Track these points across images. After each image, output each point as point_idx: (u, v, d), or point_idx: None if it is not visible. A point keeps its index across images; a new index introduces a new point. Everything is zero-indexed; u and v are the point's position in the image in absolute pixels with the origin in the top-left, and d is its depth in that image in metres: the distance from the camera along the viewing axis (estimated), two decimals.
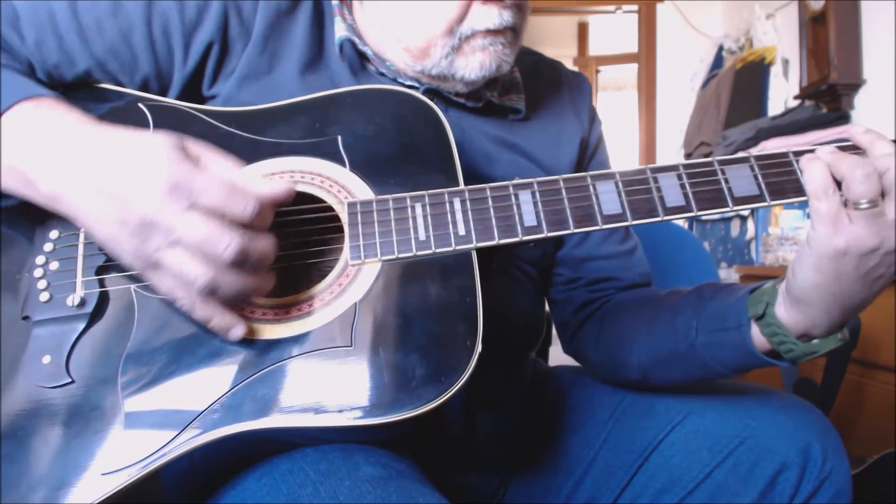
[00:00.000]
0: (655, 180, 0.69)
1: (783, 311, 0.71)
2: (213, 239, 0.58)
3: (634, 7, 4.31)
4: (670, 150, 4.11)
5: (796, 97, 3.03)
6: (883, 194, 0.63)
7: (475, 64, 0.80)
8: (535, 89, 0.96)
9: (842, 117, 2.74)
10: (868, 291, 0.66)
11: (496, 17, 0.77)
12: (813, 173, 0.65)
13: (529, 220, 0.68)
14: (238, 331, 0.64)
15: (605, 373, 0.95)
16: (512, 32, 0.81)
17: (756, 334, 0.74)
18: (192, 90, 0.81)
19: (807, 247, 0.66)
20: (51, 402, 0.64)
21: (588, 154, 1.00)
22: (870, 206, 0.63)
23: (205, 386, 0.63)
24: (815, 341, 0.71)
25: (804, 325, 0.70)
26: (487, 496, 0.94)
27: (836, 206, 0.64)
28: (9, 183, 0.65)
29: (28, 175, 0.63)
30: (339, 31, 0.84)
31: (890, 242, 0.63)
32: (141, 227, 0.59)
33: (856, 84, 2.70)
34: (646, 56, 4.23)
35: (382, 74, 0.86)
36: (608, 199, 0.69)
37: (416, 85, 0.85)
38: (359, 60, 0.85)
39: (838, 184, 0.65)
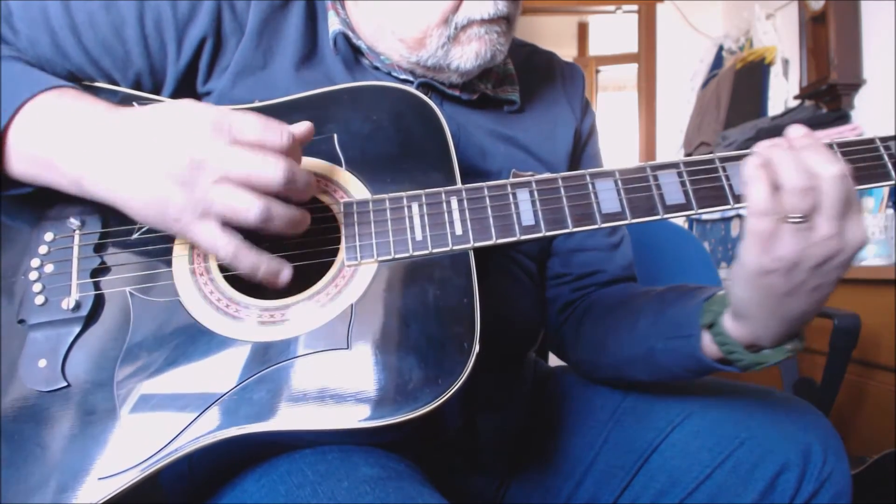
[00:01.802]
0: (655, 178, 0.68)
1: (729, 323, 0.71)
2: (264, 164, 0.60)
3: (634, 7, 4.31)
4: (670, 151, 4.10)
5: (796, 97, 3.03)
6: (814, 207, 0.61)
7: (471, 53, 0.80)
8: (530, 80, 0.96)
9: (842, 117, 2.74)
10: (806, 303, 0.65)
11: (491, 6, 0.78)
12: (755, 192, 0.62)
13: (527, 219, 0.68)
14: (287, 273, 0.65)
15: (582, 370, 0.98)
16: (506, 21, 0.81)
17: (708, 342, 0.74)
18: (186, 86, 0.81)
19: (737, 263, 0.66)
20: (47, 405, 0.63)
21: (580, 145, 1.00)
22: (801, 220, 0.61)
23: (201, 389, 0.63)
24: (765, 351, 0.71)
25: (748, 337, 0.70)
26: (488, 497, 0.93)
27: (773, 227, 0.61)
28: (29, 170, 0.66)
29: (51, 160, 0.64)
30: (333, 24, 0.84)
31: (817, 257, 0.61)
32: (190, 170, 0.60)
33: (856, 84, 2.70)
34: (646, 56, 4.23)
35: (377, 69, 0.86)
36: (607, 197, 0.68)
37: (411, 79, 0.85)
38: (353, 55, 0.85)
39: None
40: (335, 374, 0.63)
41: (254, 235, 0.64)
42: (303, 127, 0.66)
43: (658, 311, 0.82)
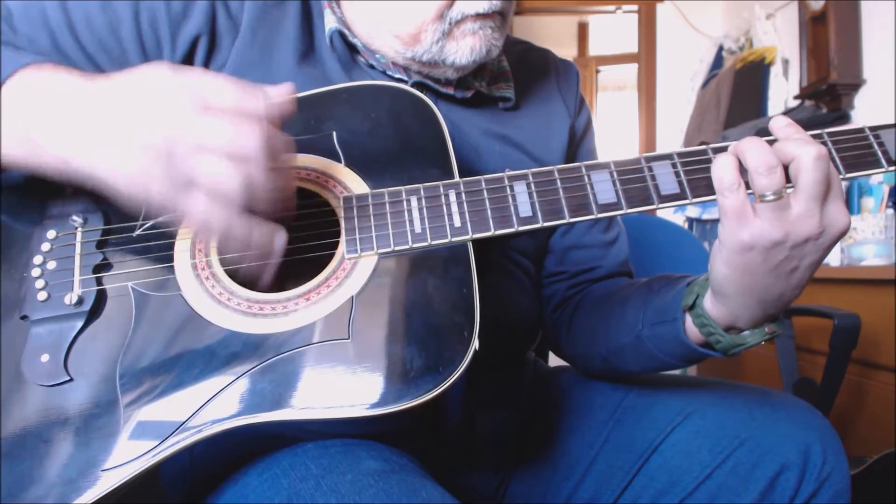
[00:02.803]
0: (650, 168, 0.69)
1: (709, 304, 0.73)
2: (240, 132, 0.57)
3: (634, 7, 4.31)
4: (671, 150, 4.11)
5: (796, 97, 3.03)
6: (788, 187, 0.63)
7: (465, 48, 0.80)
8: (524, 77, 0.97)
9: (842, 117, 2.74)
10: (785, 284, 0.67)
11: (485, 2, 0.78)
12: (719, 168, 0.64)
13: (525, 210, 0.69)
14: (282, 237, 0.62)
15: (577, 364, 0.99)
16: (500, 17, 0.82)
17: (690, 326, 0.76)
18: None
19: (717, 241, 0.67)
20: (50, 400, 0.64)
21: (576, 141, 1.01)
22: (775, 197, 0.62)
23: (203, 381, 0.63)
24: (744, 333, 0.73)
25: (727, 318, 0.72)
26: (487, 496, 0.94)
27: (741, 201, 0.63)
28: (16, 153, 0.64)
29: (36, 139, 0.62)
30: (330, 23, 0.84)
31: (796, 235, 0.63)
32: (165, 142, 0.57)
33: (856, 84, 2.70)
34: (646, 56, 4.23)
35: (372, 67, 0.87)
36: (603, 188, 0.69)
37: (405, 78, 0.86)
38: (348, 53, 0.85)
39: None
40: (337, 363, 0.63)
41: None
42: (282, 88, 0.62)
43: (645, 298, 0.83)
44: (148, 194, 0.59)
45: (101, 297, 0.67)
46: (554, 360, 1.24)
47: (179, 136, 0.57)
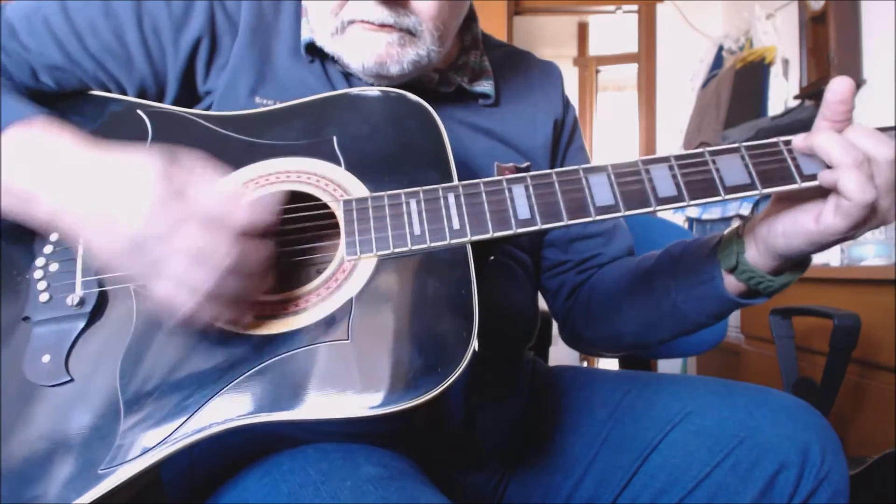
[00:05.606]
0: (647, 171, 0.70)
1: (757, 258, 0.77)
2: (211, 248, 0.59)
3: (634, 7, 4.31)
4: (670, 151, 4.08)
5: (796, 97, 3.03)
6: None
7: (354, 52, 0.80)
8: (507, 77, 0.98)
9: None
10: None
11: (369, 11, 0.77)
12: (857, 184, 0.66)
13: (523, 212, 0.69)
14: (245, 322, 0.65)
15: (600, 346, 1.01)
16: (408, 33, 0.79)
17: (730, 282, 0.80)
18: (187, 87, 0.83)
19: (803, 229, 0.70)
20: (50, 400, 0.64)
21: (564, 140, 1.02)
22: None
23: (203, 381, 0.64)
24: (786, 273, 0.78)
25: (778, 268, 0.77)
26: (487, 495, 0.94)
27: (870, 206, 0.66)
28: (5, 202, 0.66)
29: (26, 194, 0.65)
30: (305, 32, 0.86)
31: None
32: (130, 247, 0.60)
33: (856, 84, 2.70)
34: (646, 56, 4.23)
35: (339, 72, 0.87)
36: (601, 190, 0.69)
37: (372, 82, 0.86)
38: (319, 59, 0.87)
39: None
40: (336, 364, 0.64)
41: None
42: (268, 197, 0.65)
43: (671, 266, 0.86)
44: (120, 270, 0.63)
45: (102, 299, 0.68)
46: (553, 360, 1.24)
47: (154, 234, 0.59)
